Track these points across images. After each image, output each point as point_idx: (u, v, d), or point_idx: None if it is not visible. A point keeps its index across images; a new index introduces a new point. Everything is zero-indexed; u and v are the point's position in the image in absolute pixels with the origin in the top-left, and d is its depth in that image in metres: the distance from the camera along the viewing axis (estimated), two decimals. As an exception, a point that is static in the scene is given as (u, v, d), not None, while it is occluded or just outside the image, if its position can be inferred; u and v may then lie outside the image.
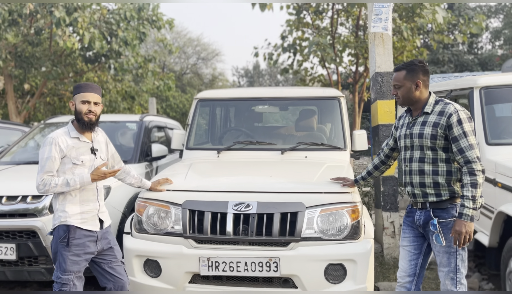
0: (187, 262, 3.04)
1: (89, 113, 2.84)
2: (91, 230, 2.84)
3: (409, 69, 2.71)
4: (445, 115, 2.62)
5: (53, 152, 2.74)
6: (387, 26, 4.50)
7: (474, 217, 2.54)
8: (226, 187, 3.25)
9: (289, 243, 3.00)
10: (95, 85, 2.93)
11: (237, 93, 4.85)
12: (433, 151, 2.66)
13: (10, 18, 9.11)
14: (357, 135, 4.37)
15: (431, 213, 2.67)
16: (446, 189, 2.64)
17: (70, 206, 2.79)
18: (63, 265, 2.73)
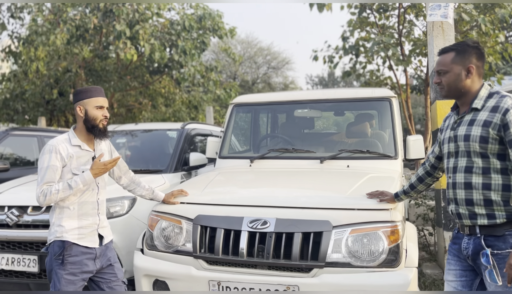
0: (196, 285, 2.69)
1: (104, 119, 2.65)
2: (89, 246, 2.59)
3: (459, 50, 2.14)
4: (499, 111, 2.02)
5: (53, 160, 2.52)
6: (447, 13, 3.85)
7: None
8: (243, 201, 2.85)
9: (312, 269, 2.53)
10: (102, 89, 2.73)
11: (276, 96, 4.45)
12: (484, 159, 2.06)
13: (78, 33, 9.53)
14: (412, 141, 3.76)
15: (482, 241, 2.05)
16: (502, 209, 2.02)
17: (67, 220, 2.56)
18: (58, 285, 2.50)
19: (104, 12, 9.20)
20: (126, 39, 9.22)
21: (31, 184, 4.12)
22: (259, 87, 29.39)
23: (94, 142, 2.71)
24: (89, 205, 2.63)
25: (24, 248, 3.59)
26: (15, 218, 3.62)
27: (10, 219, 3.62)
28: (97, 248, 2.62)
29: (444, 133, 2.28)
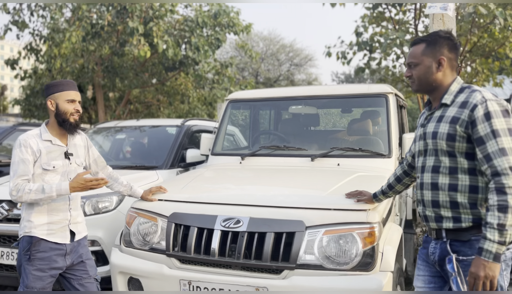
0: (168, 284, 2.64)
1: (75, 113, 2.60)
2: (59, 242, 2.56)
3: (429, 41, 2.00)
4: (467, 106, 1.89)
5: (24, 154, 2.49)
6: (447, 5, 3.66)
7: (500, 256, 1.76)
8: (219, 199, 2.79)
9: (283, 271, 2.44)
10: (74, 82, 2.68)
11: (271, 92, 4.35)
12: (451, 158, 1.93)
13: (93, 31, 9.65)
14: (408, 139, 3.60)
15: (448, 246, 1.93)
16: (469, 212, 1.90)
17: (36, 215, 2.53)
18: (26, 280, 2.49)
19: (118, 10, 9.28)
20: (140, 36, 9.28)
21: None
22: (281, 84, 29.23)
23: (68, 137, 2.68)
24: (60, 201, 2.59)
25: (14, 242, 3.63)
26: (5, 212, 3.67)
27: (0, 213, 3.67)
28: (67, 244, 2.59)
29: (417, 131, 2.15)
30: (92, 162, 2.85)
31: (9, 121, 13.24)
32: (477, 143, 1.86)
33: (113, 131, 5.56)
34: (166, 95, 12.48)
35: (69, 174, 2.64)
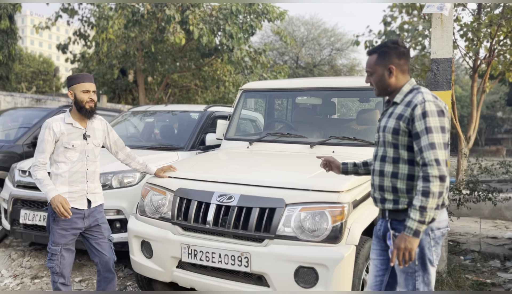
0: (171, 247, 3.15)
1: (90, 102, 3.05)
2: (78, 208, 3.06)
3: (380, 52, 2.32)
4: (410, 105, 2.20)
5: (46, 135, 2.99)
6: (444, 5, 3.88)
7: (420, 232, 2.09)
8: (216, 178, 3.24)
9: (264, 240, 2.88)
10: (90, 75, 3.13)
11: (280, 84, 4.73)
12: (395, 149, 2.25)
13: (134, 19, 10.29)
14: None
15: (388, 224, 2.28)
16: (405, 196, 2.23)
17: (60, 186, 3.03)
18: (53, 237, 3.05)
19: (157, -2, 9.85)
20: (176, 24, 9.82)
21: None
22: (322, 69, 29.15)
23: (87, 122, 3.14)
24: (79, 174, 3.09)
25: (51, 208, 4.27)
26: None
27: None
28: (85, 210, 3.09)
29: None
30: (113, 144, 3.36)
31: (60, 101, 14.32)
32: (414, 138, 2.18)
33: (144, 114, 6.14)
34: (202, 80, 13.03)
35: (87, 152, 3.11)
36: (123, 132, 5.96)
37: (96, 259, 3.17)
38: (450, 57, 3.97)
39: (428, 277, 2.22)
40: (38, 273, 4.35)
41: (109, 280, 3.23)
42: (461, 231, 6.23)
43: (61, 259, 3.05)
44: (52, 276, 3.10)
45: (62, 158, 3.05)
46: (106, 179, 4.26)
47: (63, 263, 3.07)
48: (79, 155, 3.08)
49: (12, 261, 4.69)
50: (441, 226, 2.24)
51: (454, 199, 5.47)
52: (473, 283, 3.84)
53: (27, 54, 35.13)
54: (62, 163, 3.06)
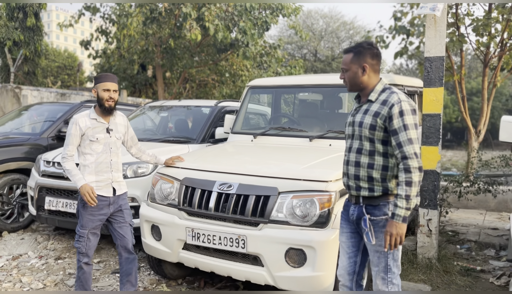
0: (178, 230, 3.49)
1: (109, 100, 3.33)
2: (104, 195, 3.36)
3: (356, 51, 2.55)
4: (387, 104, 2.44)
5: (73, 130, 3.31)
6: (436, 6, 4.08)
7: (407, 218, 2.37)
8: (219, 168, 3.57)
9: (259, 224, 3.19)
10: (113, 75, 3.41)
11: (284, 81, 5.01)
12: (371, 143, 2.50)
13: (152, 16, 10.68)
14: None
15: (363, 209, 2.54)
16: (380, 184, 2.48)
17: (87, 175, 3.34)
18: (81, 221, 3.35)
19: (174, -4, 10.21)
20: (193, 21, 10.16)
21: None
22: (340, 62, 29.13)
23: (110, 117, 3.47)
24: (104, 165, 3.39)
25: (74, 195, 4.69)
26: (69, 172, 4.72)
27: (65, 172, 4.73)
28: (110, 197, 3.39)
29: (347, 119, 2.74)
30: (129, 139, 3.67)
31: (84, 95, 14.88)
32: (392, 134, 2.42)
33: (160, 109, 6.51)
34: (219, 75, 13.37)
35: (110, 145, 3.41)
36: (141, 125, 6.34)
37: (118, 242, 3.50)
38: (442, 55, 4.17)
39: (397, 254, 2.51)
40: (61, 254, 4.78)
41: (130, 260, 3.51)
42: (464, 222, 6.41)
43: (87, 241, 3.37)
44: (78, 255, 3.42)
45: (88, 150, 3.34)
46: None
47: (89, 245, 3.38)
48: (103, 147, 3.37)
49: (38, 243, 5.14)
50: None
51: (455, 191, 5.66)
52: (461, 269, 4.07)
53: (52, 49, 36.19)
54: (88, 155, 3.34)
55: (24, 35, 15.85)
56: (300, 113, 4.87)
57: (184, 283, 4.06)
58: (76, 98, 16.26)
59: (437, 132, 4.17)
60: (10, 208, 5.55)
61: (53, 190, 4.89)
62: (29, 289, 3.91)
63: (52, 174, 4.93)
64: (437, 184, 4.17)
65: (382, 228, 2.47)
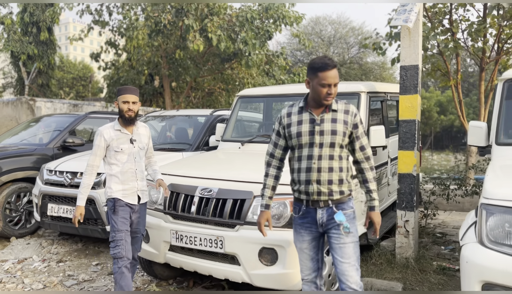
0: (163, 233, 3.76)
1: (128, 111, 3.47)
2: (130, 203, 3.51)
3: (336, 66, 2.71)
4: (350, 114, 2.68)
5: (98, 141, 3.47)
6: (409, 18, 4.28)
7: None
8: (201, 174, 3.82)
9: (235, 226, 3.43)
10: (133, 88, 3.54)
11: (269, 90, 5.26)
12: (341, 148, 2.68)
13: (157, 29, 11.04)
14: (373, 131, 4.34)
15: (333, 208, 2.68)
16: (347, 185, 2.70)
17: (114, 184, 3.50)
18: (115, 225, 3.44)
19: (177, 9, 10.56)
20: (195, 32, 10.49)
21: (83, 158, 5.56)
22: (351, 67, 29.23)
23: (133, 128, 3.57)
24: (129, 174, 3.53)
25: (74, 202, 5.00)
26: (69, 180, 5.04)
27: (66, 180, 5.05)
28: (136, 205, 3.54)
29: (299, 127, 2.70)
30: (148, 149, 3.78)
31: (95, 105, 15.36)
32: (357, 138, 2.70)
33: (159, 119, 6.82)
34: (224, 83, 13.67)
35: (134, 155, 3.55)
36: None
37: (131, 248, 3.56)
38: (417, 64, 4.37)
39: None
40: (62, 257, 5.09)
41: (132, 264, 3.64)
42: (456, 224, 6.53)
43: (125, 244, 3.44)
44: (116, 263, 3.43)
45: (113, 160, 3.50)
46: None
47: (127, 247, 3.45)
48: (128, 157, 3.52)
49: (42, 248, 5.46)
50: None
51: (443, 193, 5.81)
52: (438, 268, 4.23)
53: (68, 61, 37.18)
54: (114, 165, 3.50)
55: (38, 49, 16.45)
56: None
57: (174, 283, 4.31)
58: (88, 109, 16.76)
59: (413, 137, 4.36)
60: (18, 215, 5.90)
61: (55, 197, 5.21)
62: (30, 289, 4.21)
63: (54, 182, 5.26)
64: (414, 187, 4.35)
65: (353, 220, 2.71)
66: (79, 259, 5.06)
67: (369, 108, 4.56)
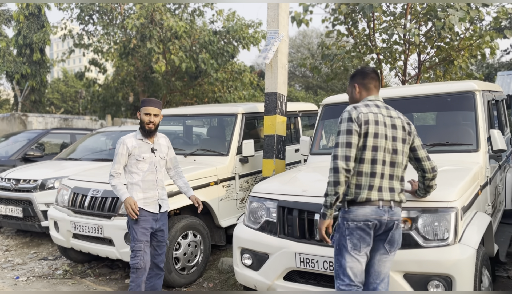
0: (66, 224, 4.95)
1: (149, 123, 3.56)
2: (152, 211, 3.57)
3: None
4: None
5: (121, 149, 3.53)
6: (267, 55, 5.44)
7: (326, 215, 2.53)
8: (95, 179, 5.02)
9: (111, 217, 4.60)
10: (156, 100, 3.63)
11: (173, 111, 6.44)
12: None
13: (126, 51, 12.37)
14: (244, 144, 5.44)
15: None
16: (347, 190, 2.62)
17: (136, 193, 3.55)
18: (135, 236, 3.49)
19: (142, 34, 11.86)
20: (157, 54, 11.78)
21: (31, 166, 6.83)
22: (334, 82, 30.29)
23: (154, 138, 3.65)
24: (150, 183, 3.58)
25: (17, 203, 6.24)
26: (14, 185, 6.30)
27: (11, 185, 6.32)
28: (157, 213, 3.60)
29: None
30: (169, 160, 3.81)
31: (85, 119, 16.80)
32: None
33: (106, 134, 8.05)
34: (195, 98, 14.93)
35: (155, 163, 3.61)
36: (90, 146, 7.87)
37: (151, 258, 3.66)
38: (275, 91, 5.51)
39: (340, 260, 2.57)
40: (9, 248, 6.32)
41: (159, 276, 3.73)
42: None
43: (144, 255, 3.50)
44: (134, 273, 3.48)
45: (134, 169, 3.57)
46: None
47: (146, 259, 3.51)
48: (149, 166, 3.59)
49: (-3, 241, 6.72)
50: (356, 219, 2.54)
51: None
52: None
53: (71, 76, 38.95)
54: (135, 174, 3.56)
55: (31, 69, 17.96)
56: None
57: (86, 264, 5.49)
58: (78, 123, 18.21)
59: (273, 148, 5.49)
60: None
61: (3, 200, 6.47)
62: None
63: (3, 188, 6.51)
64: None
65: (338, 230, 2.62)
66: (22, 249, 6.29)
67: (244, 127, 5.68)
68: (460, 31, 8.16)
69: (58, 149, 8.85)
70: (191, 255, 4.70)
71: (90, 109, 16.52)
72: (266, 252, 3.44)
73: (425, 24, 8.76)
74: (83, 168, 6.30)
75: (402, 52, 9.26)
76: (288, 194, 3.49)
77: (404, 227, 2.92)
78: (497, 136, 3.74)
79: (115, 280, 4.98)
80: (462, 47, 9.00)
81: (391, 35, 8.28)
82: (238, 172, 5.53)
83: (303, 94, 28.28)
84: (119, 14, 13.14)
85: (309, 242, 3.23)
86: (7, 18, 19.54)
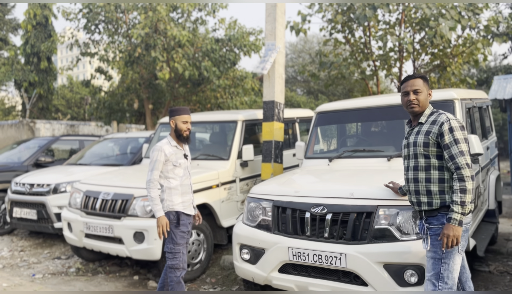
0: (79, 224, 5.33)
1: (187, 130, 3.75)
2: (189, 214, 3.78)
3: (425, 77, 2.89)
4: (437, 124, 2.73)
5: (159, 156, 3.64)
6: (264, 66, 5.83)
7: (462, 222, 2.63)
8: (104, 183, 5.40)
9: (121, 218, 4.98)
10: (187, 109, 3.78)
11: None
12: (426, 159, 2.75)
13: (131, 60, 12.80)
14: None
15: (423, 221, 2.82)
16: (438, 197, 2.72)
17: (175, 196, 3.69)
18: (175, 239, 3.65)
19: (146, 43, 12.28)
20: (162, 62, 12.20)
21: (43, 171, 7.23)
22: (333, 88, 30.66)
23: (183, 145, 3.82)
24: (186, 187, 3.79)
25: (31, 206, 6.64)
26: (28, 189, 6.70)
27: (26, 190, 6.71)
28: (192, 216, 3.83)
29: (402, 142, 3.02)
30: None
31: (91, 125, 17.22)
32: (444, 148, 2.68)
33: (113, 140, 8.46)
34: (198, 104, 15.33)
35: (188, 168, 3.83)
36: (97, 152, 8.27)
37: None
38: (273, 100, 5.90)
39: (452, 266, 2.67)
40: (24, 248, 6.71)
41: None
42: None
43: (183, 256, 3.69)
44: (174, 273, 3.65)
45: (171, 174, 3.70)
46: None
47: (185, 259, 3.69)
48: (184, 171, 3.78)
49: (12, 242, 7.10)
50: (465, 221, 2.76)
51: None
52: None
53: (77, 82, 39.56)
54: (172, 179, 3.67)
55: (39, 77, 18.44)
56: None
57: (97, 262, 5.87)
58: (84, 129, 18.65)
59: (271, 153, 5.87)
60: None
61: (18, 203, 6.86)
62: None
63: (19, 192, 6.91)
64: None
65: (437, 237, 2.70)
66: (36, 249, 6.68)
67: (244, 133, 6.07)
68: (451, 39, 8.51)
69: (67, 155, 9.25)
70: (195, 253, 5.08)
71: (96, 115, 16.96)
72: (262, 247, 3.80)
73: (418, 32, 9.13)
74: (92, 173, 6.69)
75: (397, 59, 9.64)
76: (282, 194, 3.86)
77: (384, 222, 3.30)
78: (474, 141, 3.97)
79: (125, 277, 5.35)
80: (455, 54, 9.38)
81: (385, 43, 8.66)
82: (239, 176, 5.90)
83: (304, 99, 28.66)
84: (124, 23, 13.59)
85: (301, 237, 3.59)
86: (14, 27, 20.10)
